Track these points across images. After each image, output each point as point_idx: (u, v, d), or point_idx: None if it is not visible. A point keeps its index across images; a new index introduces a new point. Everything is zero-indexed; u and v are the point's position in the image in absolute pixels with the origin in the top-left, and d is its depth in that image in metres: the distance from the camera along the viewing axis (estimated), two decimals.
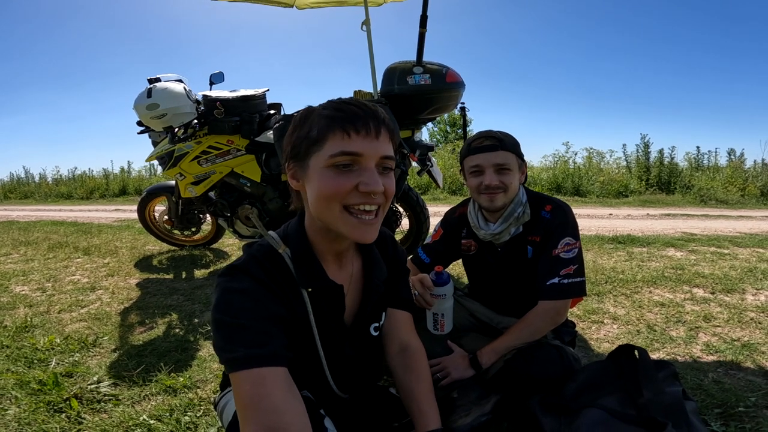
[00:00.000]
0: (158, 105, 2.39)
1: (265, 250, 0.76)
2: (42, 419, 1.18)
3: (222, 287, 0.70)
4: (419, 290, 1.17)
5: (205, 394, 1.30)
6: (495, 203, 1.25)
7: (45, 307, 2.14)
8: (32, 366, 1.51)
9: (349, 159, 0.68)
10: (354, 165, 0.69)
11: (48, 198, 10.39)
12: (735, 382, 1.31)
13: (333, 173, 0.69)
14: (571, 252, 1.23)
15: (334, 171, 0.69)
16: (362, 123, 0.68)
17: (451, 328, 1.21)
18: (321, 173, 0.69)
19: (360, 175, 0.69)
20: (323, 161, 0.69)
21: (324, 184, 0.69)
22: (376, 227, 0.72)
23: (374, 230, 0.72)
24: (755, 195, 6.54)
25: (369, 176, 0.68)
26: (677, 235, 3.57)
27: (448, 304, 1.18)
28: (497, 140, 1.24)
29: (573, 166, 7.89)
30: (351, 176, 0.69)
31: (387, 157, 0.71)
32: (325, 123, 0.70)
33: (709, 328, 1.70)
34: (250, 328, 0.67)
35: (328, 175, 0.69)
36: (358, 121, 0.68)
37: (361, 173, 0.69)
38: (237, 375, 0.64)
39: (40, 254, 3.37)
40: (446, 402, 1.15)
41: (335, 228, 0.72)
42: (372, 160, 0.69)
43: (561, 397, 1.07)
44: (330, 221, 0.71)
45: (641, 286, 2.21)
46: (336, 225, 0.71)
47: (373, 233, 0.72)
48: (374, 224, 0.72)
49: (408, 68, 2.27)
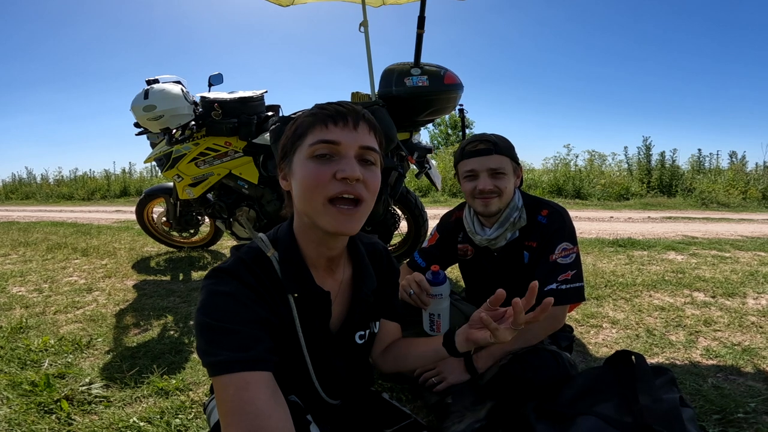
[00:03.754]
0: (155, 106, 2.39)
1: (253, 253, 0.75)
2: (32, 420, 1.17)
3: (207, 290, 0.69)
4: (415, 290, 1.15)
5: (197, 396, 1.29)
6: (490, 208, 1.24)
7: (41, 308, 2.13)
8: (25, 367, 1.50)
9: (327, 148, 0.70)
10: (334, 155, 0.70)
11: (49, 199, 10.42)
12: (735, 387, 1.29)
13: (313, 163, 0.70)
14: (568, 257, 1.21)
15: (313, 161, 0.70)
16: (341, 117, 0.71)
17: (447, 328, 1.18)
18: (302, 165, 0.71)
19: (338, 163, 0.70)
20: (304, 153, 0.71)
21: (304, 174, 0.70)
22: (357, 219, 0.71)
23: (355, 222, 0.71)
24: (757, 198, 6.52)
25: (346, 163, 0.69)
26: (678, 238, 3.55)
27: (444, 305, 1.16)
28: (491, 144, 1.23)
29: (574, 169, 7.87)
30: (330, 165, 0.70)
31: (367, 147, 0.72)
32: (307, 121, 0.73)
33: (709, 333, 1.68)
34: (235, 331, 0.65)
35: (308, 165, 0.70)
36: (337, 115, 0.71)
37: (340, 162, 0.70)
38: (220, 379, 0.63)
39: (38, 255, 3.37)
40: (440, 407, 1.14)
41: (317, 221, 0.71)
42: (350, 149, 0.70)
43: (556, 404, 1.05)
44: (312, 214, 0.71)
45: (641, 289, 2.19)
46: (318, 217, 0.71)
47: (353, 225, 0.71)
48: (354, 215, 0.71)
49: (406, 70, 2.26)
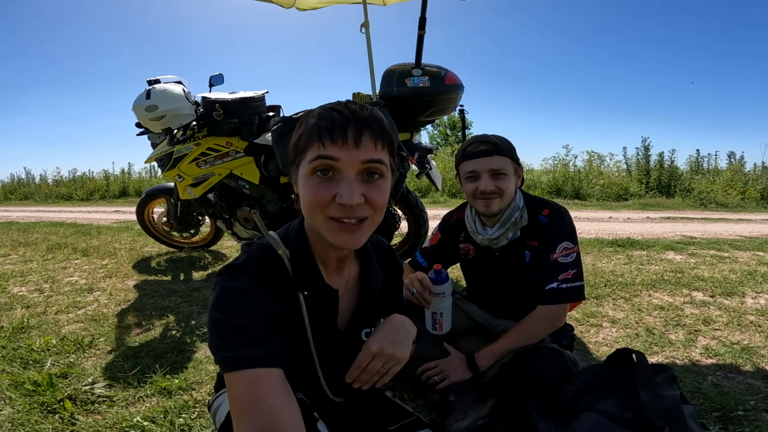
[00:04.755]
0: (157, 106, 2.39)
1: (265, 250, 0.76)
2: (35, 420, 1.18)
3: (221, 286, 0.70)
4: (418, 289, 1.15)
5: (201, 396, 1.29)
6: (491, 208, 1.25)
7: (42, 308, 2.13)
8: (27, 367, 1.50)
9: (325, 164, 0.66)
10: (334, 172, 0.67)
11: (48, 199, 10.39)
12: (734, 385, 1.30)
13: (313, 181, 0.68)
14: (569, 256, 1.22)
15: (314, 179, 0.68)
16: (339, 132, 0.66)
17: (449, 328, 1.19)
18: (305, 181, 0.69)
19: (339, 184, 0.67)
20: (306, 169, 0.69)
21: (306, 192, 0.69)
22: (360, 235, 0.70)
23: (358, 237, 0.70)
24: (755, 198, 6.54)
25: (345, 187, 0.66)
26: (677, 238, 3.56)
27: (446, 303, 1.16)
28: (492, 145, 1.24)
29: (573, 170, 7.89)
30: (330, 186, 0.67)
31: (371, 161, 0.67)
32: (308, 132, 0.69)
33: (708, 332, 1.69)
34: (248, 327, 0.66)
35: (309, 183, 0.68)
36: (335, 130, 0.66)
37: (341, 183, 0.67)
38: (233, 375, 0.63)
39: (38, 255, 3.37)
40: (443, 405, 1.15)
41: (322, 234, 0.71)
42: (351, 168, 0.67)
43: (558, 401, 1.06)
44: (317, 228, 0.71)
45: (640, 289, 2.20)
46: (321, 231, 0.71)
47: (357, 240, 0.70)
48: (358, 231, 0.69)
49: (407, 70, 2.27)
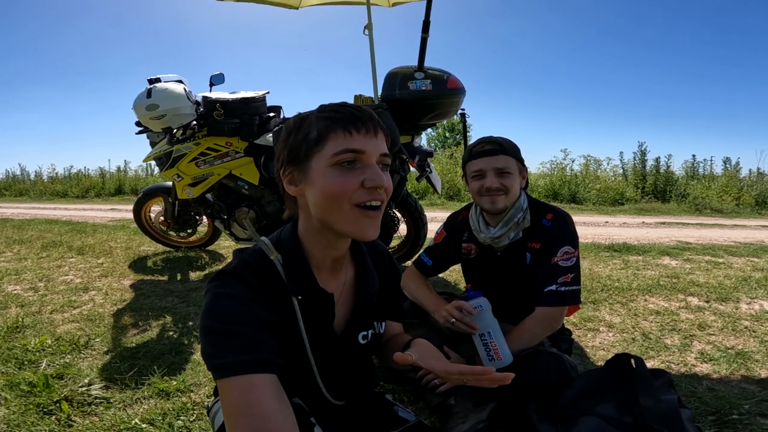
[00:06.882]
0: (158, 105, 2.39)
1: (257, 255, 0.76)
2: (31, 421, 1.17)
3: (212, 292, 0.70)
4: (457, 316, 1.16)
5: (199, 398, 1.29)
6: (496, 205, 1.27)
7: (37, 307, 2.11)
8: (23, 367, 1.49)
9: (353, 156, 0.70)
10: (357, 162, 0.71)
11: (43, 196, 10.30)
12: (729, 389, 1.31)
13: (337, 171, 0.70)
14: (569, 260, 1.24)
15: (338, 169, 0.70)
16: (362, 122, 0.71)
17: (509, 355, 1.12)
18: (325, 173, 0.70)
19: (363, 172, 0.70)
20: (326, 161, 0.70)
21: (330, 183, 0.70)
22: (378, 223, 0.74)
23: (377, 227, 0.73)
24: (750, 204, 6.60)
25: (373, 172, 0.70)
26: (672, 243, 3.59)
27: (488, 318, 1.15)
28: (498, 145, 1.28)
29: (570, 173, 7.93)
30: (355, 173, 0.70)
31: (386, 154, 0.74)
32: (324, 124, 0.71)
33: (703, 337, 1.71)
34: (240, 333, 0.66)
35: (332, 173, 0.70)
36: (357, 121, 0.71)
37: (365, 170, 0.70)
38: (225, 381, 0.63)
39: (33, 253, 3.34)
40: (443, 409, 1.15)
41: (340, 227, 0.72)
42: (373, 157, 0.71)
43: (558, 405, 1.07)
44: (335, 220, 0.72)
45: (637, 294, 2.22)
46: (342, 223, 0.72)
47: (376, 230, 0.73)
48: (377, 220, 0.73)
49: (409, 73, 2.28)
